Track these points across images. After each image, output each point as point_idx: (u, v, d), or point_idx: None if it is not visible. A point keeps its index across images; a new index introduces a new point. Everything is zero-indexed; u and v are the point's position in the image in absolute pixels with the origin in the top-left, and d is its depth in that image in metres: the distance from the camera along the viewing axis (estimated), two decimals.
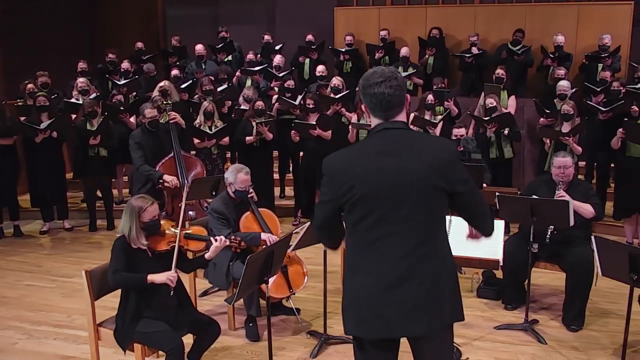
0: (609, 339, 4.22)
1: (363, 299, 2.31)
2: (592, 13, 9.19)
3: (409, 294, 2.26)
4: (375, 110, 2.33)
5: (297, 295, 4.52)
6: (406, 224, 2.26)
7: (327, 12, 10.12)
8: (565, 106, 6.16)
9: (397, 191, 2.24)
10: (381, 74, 2.30)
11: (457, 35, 9.58)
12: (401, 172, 2.24)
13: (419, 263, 2.27)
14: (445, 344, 2.42)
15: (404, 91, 2.33)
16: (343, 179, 2.29)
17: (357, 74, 8.45)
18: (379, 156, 2.27)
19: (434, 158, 2.25)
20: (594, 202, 4.44)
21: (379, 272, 2.29)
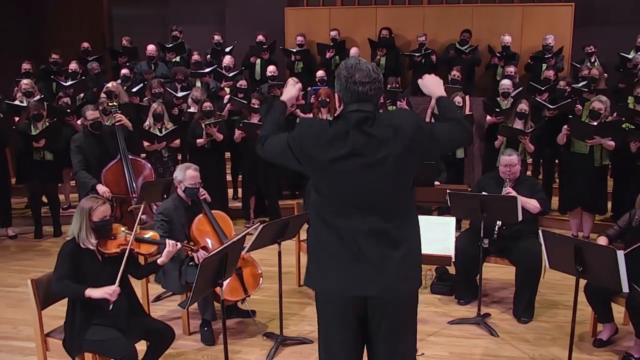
0: (558, 329, 4.35)
1: (333, 260, 2.42)
2: (535, 14, 9.49)
3: (377, 256, 2.37)
4: (351, 102, 2.41)
5: (253, 297, 4.49)
6: (373, 201, 2.37)
7: (278, 12, 10.10)
8: (522, 105, 6.31)
9: (366, 170, 2.35)
10: (367, 75, 2.38)
11: (406, 36, 9.72)
12: (371, 152, 2.34)
13: (385, 231, 2.38)
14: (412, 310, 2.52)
15: (382, 91, 2.48)
16: (309, 150, 2.40)
17: (309, 74, 8.49)
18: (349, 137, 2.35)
19: (401, 135, 2.34)
20: (540, 198, 4.57)
21: (344, 240, 2.39)
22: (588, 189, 6.01)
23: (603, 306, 4.05)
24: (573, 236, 6.13)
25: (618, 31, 9.16)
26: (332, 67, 9.02)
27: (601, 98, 5.92)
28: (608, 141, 5.76)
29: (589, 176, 5.97)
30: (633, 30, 8.83)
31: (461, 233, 4.91)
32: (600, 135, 5.73)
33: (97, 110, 5.71)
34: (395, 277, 2.38)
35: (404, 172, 2.40)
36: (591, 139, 5.77)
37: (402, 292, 2.44)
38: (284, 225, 4.01)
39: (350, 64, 2.41)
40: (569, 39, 9.29)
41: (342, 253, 2.40)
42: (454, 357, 3.98)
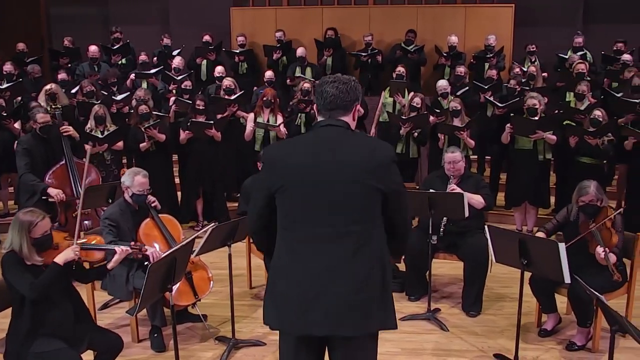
0: (505, 321, 4.47)
1: (289, 295, 2.28)
2: (477, 14, 9.73)
3: (338, 294, 2.23)
4: (321, 108, 2.38)
5: (203, 301, 4.42)
6: (339, 222, 2.25)
7: (223, 13, 10.00)
8: (453, 103, 6.47)
9: (331, 188, 2.25)
10: (335, 77, 2.38)
11: (352, 36, 9.79)
12: (337, 169, 2.25)
13: (350, 262, 2.25)
14: (366, 352, 2.37)
15: (352, 97, 2.36)
16: (279, 170, 2.30)
17: (254, 75, 8.44)
18: (317, 151, 2.29)
19: (371, 159, 2.27)
20: (484, 193, 4.69)
21: (309, 269, 2.26)
22: (532, 184, 6.20)
23: (547, 297, 4.18)
24: (517, 230, 6.31)
25: (556, 32, 9.50)
26: (279, 68, 9.00)
27: (533, 94, 6.14)
28: (550, 135, 5.96)
29: (533, 171, 6.16)
30: (570, 31, 9.18)
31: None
32: (541, 130, 5.93)
33: (47, 114, 5.51)
34: (357, 315, 2.25)
35: (369, 194, 2.27)
36: (534, 133, 5.96)
37: (364, 331, 2.29)
38: (233, 228, 3.97)
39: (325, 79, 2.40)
40: (510, 39, 9.57)
41: (297, 281, 2.28)
42: (406, 353, 4.03)
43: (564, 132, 6.06)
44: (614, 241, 3.90)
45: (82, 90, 6.89)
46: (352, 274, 2.25)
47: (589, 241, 3.94)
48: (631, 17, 9.76)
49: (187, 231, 6.30)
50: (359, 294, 2.25)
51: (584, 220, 4.05)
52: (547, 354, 4.01)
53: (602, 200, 4.04)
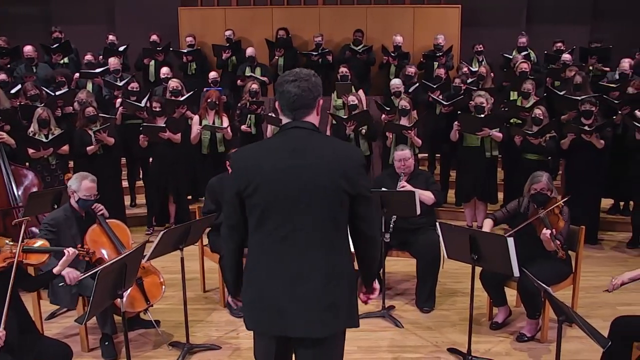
0: (458, 316, 4.55)
1: (263, 297, 2.30)
2: (426, 15, 9.88)
3: (307, 294, 2.26)
4: (284, 109, 2.35)
5: (156, 307, 4.33)
6: (309, 224, 2.25)
7: (171, 12, 9.83)
8: (402, 102, 6.55)
9: (302, 191, 2.24)
10: (295, 74, 2.33)
11: (303, 36, 9.79)
12: (308, 172, 2.24)
13: (319, 264, 2.26)
14: (336, 350, 2.42)
15: (315, 94, 2.34)
16: (249, 174, 2.28)
17: (203, 75, 8.33)
18: (286, 155, 2.27)
19: (341, 162, 2.27)
20: (434, 190, 4.77)
21: (279, 271, 2.28)
22: (481, 180, 6.34)
23: (497, 291, 4.28)
24: (468, 226, 6.45)
25: (501, 32, 9.74)
26: (229, 68, 8.92)
27: (480, 93, 6.30)
28: (496, 132, 6.10)
29: (481, 168, 6.30)
30: (514, 31, 9.43)
31: None
32: (487, 127, 6.06)
33: None
34: (323, 316, 2.28)
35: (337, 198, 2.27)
36: (480, 131, 6.10)
37: (331, 331, 2.32)
38: (185, 231, 3.90)
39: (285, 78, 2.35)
40: (457, 39, 9.76)
41: (268, 283, 2.30)
42: (362, 351, 4.05)
43: (509, 129, 6.22)
44: (561, 225, 4.04)
45: (25, 93, 6.63)
46: (323, 276, 2.27)
47: (536, 226, 4.06)
48: (571, 18, 10.13)
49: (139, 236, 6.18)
50: (329, 295, 2.28)
51: (534, 210, 4.17)
52: (498, 345, 4.10)
53: (552, 191, 4.18)
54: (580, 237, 4.20)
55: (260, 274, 2.32)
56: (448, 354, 3.98)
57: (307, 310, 2.27)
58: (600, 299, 4.84)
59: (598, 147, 5.75)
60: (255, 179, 2.27)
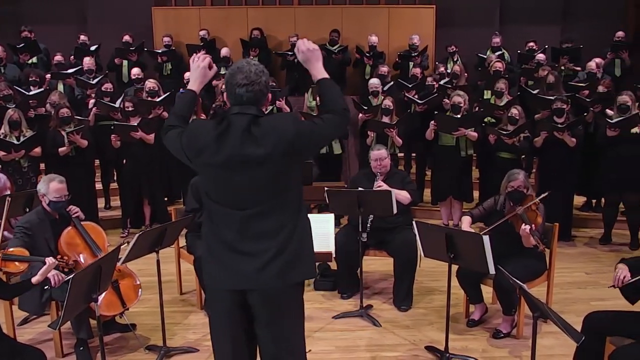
0: (435, 314, 4.58)
1: (216, 255, 2.51)
2: (401, 15, 9.94)
3: (256, 251, 2.44)
4: (233, 104, 2.49)
5: (132, 310, 4.28)
6: (256, 198, 2.44)
7: (145, 12, 9.73)
8: (386, 101, 6.57)
9: (246, 169, 2.40)
10: (246, 77, 2.43)
11: (278, 36, 9.77)
12: (250, 153, 2.39)
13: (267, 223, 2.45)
14: (292, 303, 2.57)
15: (265, 93, 2.49)
16: (194, 145, 2.46)
17: (178, 76, 8.25)
18: (228, 137, 2.41)
19: (281, 139, 2.40)
20: (410, 189, 4.80)
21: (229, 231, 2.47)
22: (456, 179, 6.39)
23: (473, 288, 4.32)
24: (444, 225, 6.50)
25: (475, 32, 9.85)
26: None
27: (459, 93, 6.35)
28: (471, 132, 6.17)
29: (456, 167, 6.35)
30: (488, 31, 9.55)
31: (340, 229, 5.01)
32: (463, 127, 6.12)
33: None
34: (271, 271, 2.45)
35: (284, 172, 2.45)
36: (456, 130, 6.15)
37: (278, 285, 2.48)
38: (161, 233, 3.86)
39: (235, 66, 2.48)
40: (432, 39, 9.83)
41: (222, 249, 2.49)
42: (340, 350, 4.05)
43: (484, 129, 6.29)
44: (539, 221, 4.11)
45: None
46: (272, 232, 2.46)
47: (515, 224, 4.11)
48: (543, 18, 10.28)
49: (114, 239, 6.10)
50: (280, 249, 2.46)
51: (510, 207, 4.22)
52: (475, 342, 4.14)
53: (528, 189, 4.25)
54: (554, 234, 4.27)
55: (209, 238, 2.54)
56: (426, 352, 4.00)
57: (259, 264, 2.44)
58: (573, 294, 4.93)
59: (570, 145, 5.84)
60: (199, 157, 2.46)
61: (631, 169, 5.71)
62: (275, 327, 2.54)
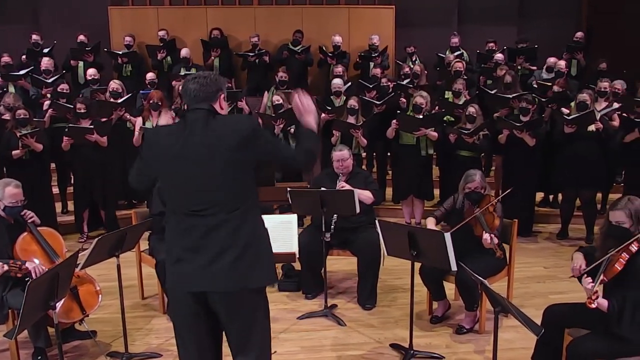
0: (399, 311, 4.62)
1: (175, 259, 2.55)
2: (360, 15, 10.00)
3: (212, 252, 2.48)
4: (188, 104, 2.59)
5: (92, 317, 4.17)
6: (212, 198, 2.49)
7: (101, 11, 9.52)
8: (351, 101, 6.59)
9: (202, 165, 2.47)
10: (196, 74, 2.61)
11: (238, 36, 9.70)
12: (204, 151, 2.47)
13: (223, 229, 2.49)
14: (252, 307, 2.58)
15: (213, 88, 2.56)
16: (153, 154, 2.58)
17: (139, 77, 8.12)
18: (184, 135, 2.50)
19: (234, 135, 2.47)
20: (373, 189, 4.82)
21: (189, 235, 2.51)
22: (417, 178, 6.46)
23: (436, 285, 4.37)
24: (406, 223, 6.56)
25: (434, 32, 9.98)
26: (164, 68, 8.74)
27: (422, 93, 6.42)
28: (432, 132, 6.24)
29: (417, 166, 6.42)
30: (447, 31, 9.68)
31: (303, 229, 5.01)
32: (425, 127, 6.19)
33: None
34: (228, 273, 2.48)
35: (237, 169, 2.51)
36: (417, 130, 6.22)
37: (236, 287, 2.50)
38: (121, 237, 3.78)
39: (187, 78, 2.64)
40: (392, 39, 9.92)
41: (181, 252, 2.53)
42: (305, 351, 4.05)
43: (444, 128, 6.38)
44: (496, 224, 4.18)
45: None
46: (228, 237, 2.49)
47: (473, 225, 4.18)
48: (499, 19, 10.49)
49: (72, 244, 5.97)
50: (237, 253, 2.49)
51: (469, 207, 4.29)
52: (439, 339, 4.19)
53: (486, 188, 4.31)
54: (513, 230, 4.35)
55: (169, 241, 2.60)
56: (391, 350, 4.03)
57: (214, 268, 2.48)
58: (533, 289, 5.04)
59: (530, 144, 5.98)
60: (158, 160, 2.56)
61: (587, 165, 5.87)
62: (238, 330, 2.56)
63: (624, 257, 2.99)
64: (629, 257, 2.99)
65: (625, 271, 3.00)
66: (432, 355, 3.91)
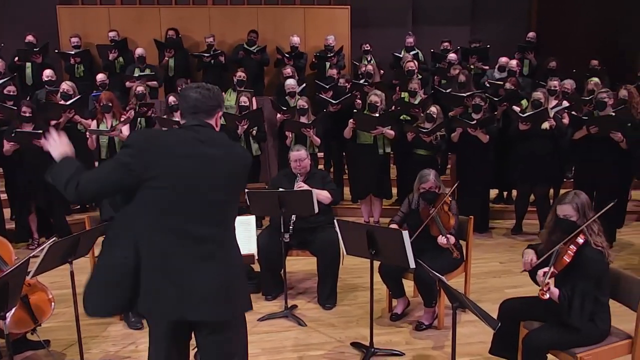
0: (359, 310, 4.64)
1: (162, 285, 2.36)
2: (316, 15, 10.01)
3: (202, 280, 2.38)
4: (184, 112, 2.50)
5: (45, 325, 4.06)
6: (210, 218, 2.41)
7: (49, 11, 9.25)
8: (300, 102, 6.60)
9: (208, 185, 2.39)
10: (198, 84, 2.53)
11: (193, 36, 9.59)
12: (220, 161, 2.42)
13: (217, 258, 2.42)
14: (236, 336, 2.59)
15: (214, 102, 2.49)
16: (154, 157, 2.34)
17: (91, 78, 7.92)
18: (198, 144, 2.40)
19: (240, 161, 2.53)
20: (330, 188, 4.83)
21: (179, 261, 2.37)
22: (375, 177, 6.51)
23: (395, 283, 4.41)
24: (365, 222, 6.59)
25: (389, 32, 10.08)
26: (116, 69, 8.55)
27: (376, 92, 6.46)
28: (388, 130, 6.29)
29: (374, 164, 6.46)
30: (402, 31, 9.79)
31: (262, 230, 4.98)
32: (381, 126, 6.24)
33: None
34: (218, 301, 2.43)
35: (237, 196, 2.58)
36: (374, 129, 6.26)
37: (227, 315, 2.49)
38: (74, 243, 3.67)
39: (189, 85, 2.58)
40: (348, 39, 9.97)
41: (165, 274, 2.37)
42: (267, 352, 4.02)
43: (401, 127, 6.44)
44: (452, 223, 4.24)
45: None
46: (221, 268, 2.43)
47: (430, 227, 4.24)
48: (453, 19, 10.68)
49: (22, 251, 5.78)
50: (226, 286, 2.43)
51: (425, 207, 4.34)
52: (399, 336, 4.23)
53: (440, 187, 4.37)
54: (469, 227, 4.42)
55: (158, 262, 2.37)
56: (352, 348, 4.05)
57: (205, 298, 2.39)
58: (489, 283, 5.14)
59: (483, 141, 6.09)
60: (162, 164, 2.33)
61: (540, 162, 6.01)
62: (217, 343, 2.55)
63: (572, 249, 3.12)
64: (576, 249, 3.11)
65: (573, 263, 3.11)
66: (393, 353, 3.94)
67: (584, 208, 3.21)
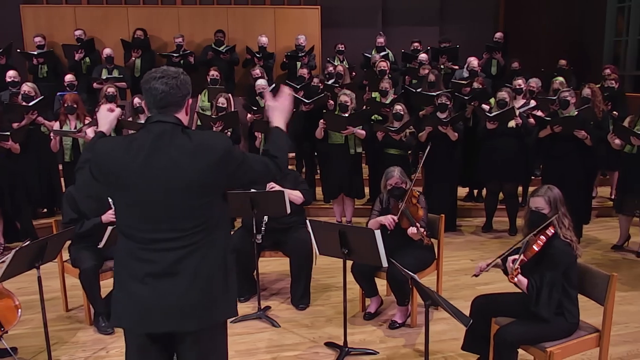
0: (333, 310, 4.64)
1: (134, 296, 2.26)
2: (286, 15, 10.00)
3: (175, 289, 2.25)
4: (151, 107, 2.29)
5: (12, 333, 3.96)
6: (178, 225, 2.24)
7: (12, 10, 9.04)
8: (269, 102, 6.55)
9: (167, 191, 2.21)
10: (162, 71, 2.27)
11: (162, 37, 9.49)
12: (171, 172, 2.20)
13: (191, 265, 2.26)
14: (214, 344, 2.43)
15: (182, 92, 2.29)
16: (107, 171, 2.25)
17: (56, 78, 7.78)
18: (147, 152, 2.21)
19: (204, 156, 2.23)
20: (303, 189, 4.83)
21: (151, 272, 2.24)
22: (347, 177, 6.52)
23: (368, 282, 4.43)
24: (337, 222, 6.60)
25: (359, 32, 10.12)
26: (83, 70, 8.40)
27: (346, 92, 6.47)
28: (359, 130, 6.31)
29: (346, 164, 6.47)
30: (372, 32, 9.84)
31: (234, 231, 4.94)
32: (351, 125, 6.26)
33: None
34: (194, 311, 2.28)
35: (206, 193, 2.27)
36: (345, 129, 6.27)
37: (203, 324, 2.33)
38: (41, 247, 3.58)
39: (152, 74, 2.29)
40: (318, 39, 9.98)
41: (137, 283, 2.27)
42: (240, 354, 3.99)
43: (372, 127, 6.47)
44: (421, 214, 4.30)
45: None
46: (194, 276, 2.26)
47: (400, 221, 4.27)
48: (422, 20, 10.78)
49: None
50: (201, 294, 2.28)
51: (394, 203, 4.37)
52: (372, 334, 4.24)
53: (406, 183, 4.41)
54: (440, 225, 4.46)
55: (128, 274, 2.28)
56: (326, 348, 4.04)
57: (179, 308, 2.26)
58: (461, 281, 5.20)
59: (452, 139, 6.15)
60: (114, 179, 2.24)
61: (508, 160, 6.11)
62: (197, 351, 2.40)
63: (541, 239, 3.22)
64: (546, 240, 3.21)
65: (543, 253, 3.20)
66: (367, 351, 3.95)
67: (556, 202, 3.30)
